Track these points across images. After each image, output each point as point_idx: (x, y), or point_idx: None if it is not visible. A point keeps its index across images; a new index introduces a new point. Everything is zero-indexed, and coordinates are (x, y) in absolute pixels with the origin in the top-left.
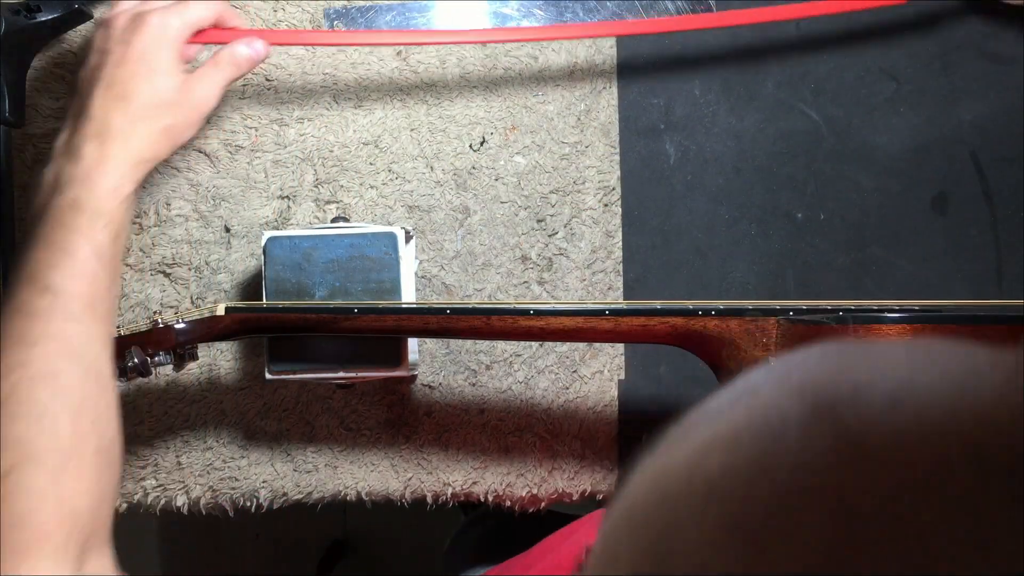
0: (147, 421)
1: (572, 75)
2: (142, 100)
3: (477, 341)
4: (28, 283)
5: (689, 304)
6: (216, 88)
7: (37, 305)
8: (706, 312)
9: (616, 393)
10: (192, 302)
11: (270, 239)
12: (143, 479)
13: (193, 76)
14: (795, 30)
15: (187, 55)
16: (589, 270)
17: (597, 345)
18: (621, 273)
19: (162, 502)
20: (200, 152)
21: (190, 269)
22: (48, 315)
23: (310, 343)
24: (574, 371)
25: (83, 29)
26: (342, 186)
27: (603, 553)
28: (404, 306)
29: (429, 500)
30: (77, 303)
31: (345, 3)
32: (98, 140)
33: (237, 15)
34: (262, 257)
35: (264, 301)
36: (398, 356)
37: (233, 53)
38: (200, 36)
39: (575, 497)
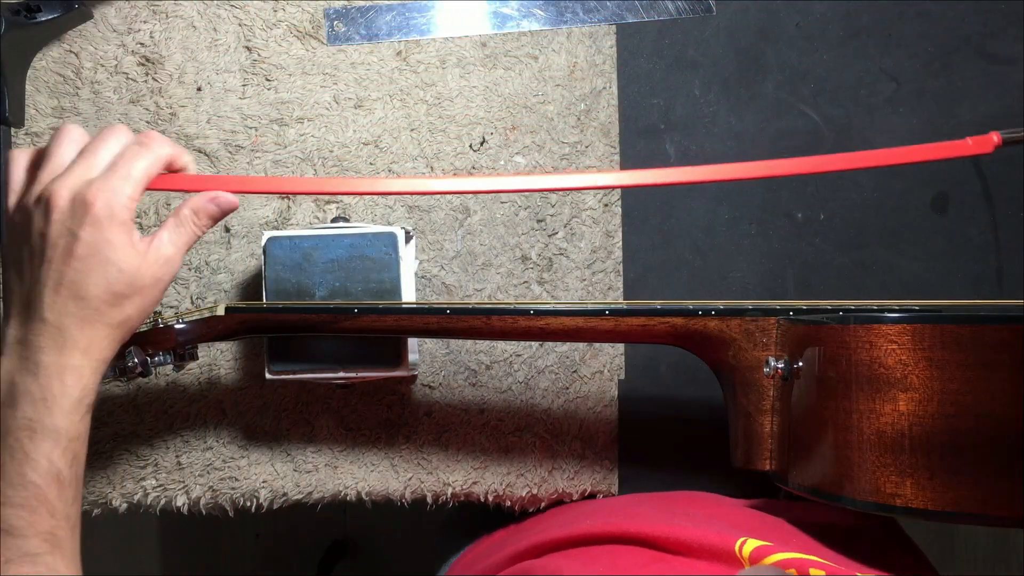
0: (147, 421)
1: (572, 75)
2: (99, 297)
3: (477, 341)
4: None
5: (689, 304)
6: (179, 254)
7: None
8: (706, 312)
9: (616, 393)
10: (192, 302)
11: (270, 239)
12: (143, 479)
13: (152, 246)
14: (795, 30)
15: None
16: (589, 270)
17: (597, 345)
18: (621, 273)
19: (162, 502)
20: (200, 152)
21: (190, 269)
22: (4, 558)
23: (310, 343)
24: (574, 371)
25: (83, 29)
26: None
27: None
28: (404, 306)
29: (429, 500)
30: (35, 540)
31: (345, 3)
32: (55, 349)
33: (185, 152)
34: (262, 257)
35: (264, 301)
36: (398, 356)
37: (196, 211)
38: (151, 184)
39: (575, 497)
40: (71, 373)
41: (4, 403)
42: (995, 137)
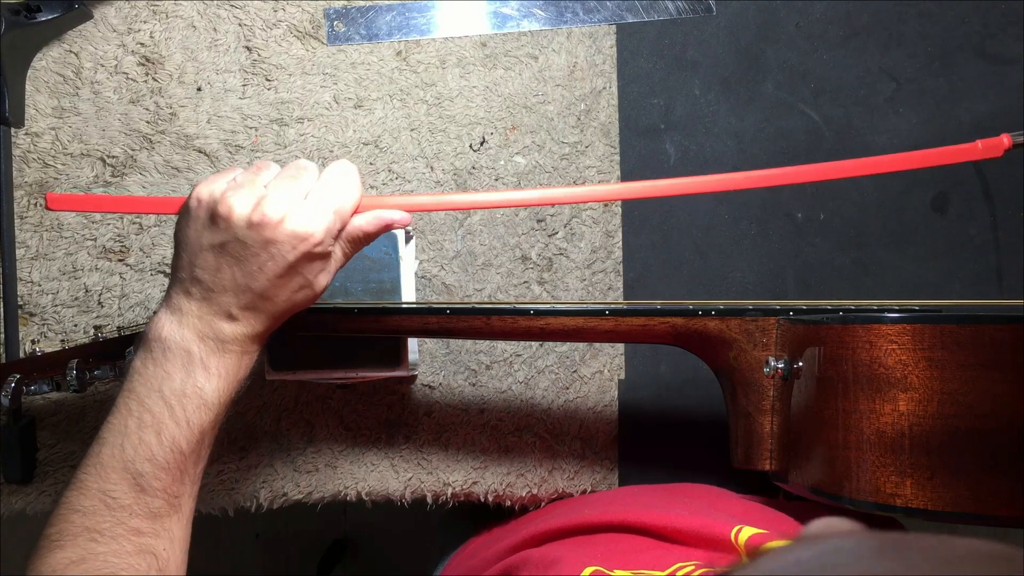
0: None
1: (572, 75)
2: (290, 311)
3: (477, 341)
4: (117, 465)
5: (689, 304)
6: (345, 264)
7: (120, 496)
8: (706, 312)
9: (616, 393)
10: None
11: None
12: None
13: (332, 261)
14: (795, 30)
15: None
16: (589, 270)
17: (597, 345)
18: (621, 273)
19: None
20: (200, 152)
21: None
22: (129, 510)
23: (310, 343)
24: (574, 371)
25: (83, 29)
26: None
27: None
28: (404, 306)
29: (429, 500)
30: (160, 501)
31: (345, 3)
32: (245, 342)
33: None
34: None
35: None
36: (398, 356)
37: (368, 231)
38: None
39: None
40: (248, 357)
41: (179, 366)
42: (1006, 140)
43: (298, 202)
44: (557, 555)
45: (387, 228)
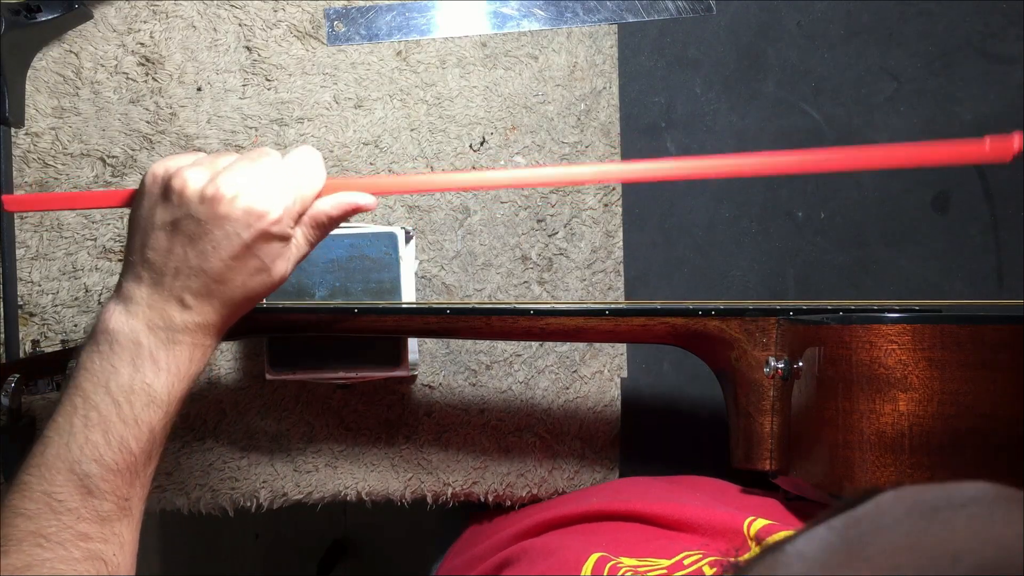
0: None
1: (572, 75)
2: (246, 299)
3: (477, 341)
4: (63, 466)
5: (689, 304)
6: (310, 252)
7: (67, 499)
8: (706, 312)
9: (618, 392)
10: None
11: None
12: None
13: (291, 249)
14: (796, 29)
15: None
16: (589, 270)
17: (597, 345)
18: (621, 273)
19: (162, 502)
20: (200, 152)
21: None
22: (76, 514)
23: (310, 343)
24: (574, 371)
25: (83, 29)
26: None
27: None
28: (404, 306)
29: (429, 500)
30: (110, 504)
31: (345, 3)
32: (197, 333)
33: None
34: None
35: (264, 301)
36: (398, 356)
37: (332, 216)
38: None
39: None
40: (200, 351)
41: (127, 360)
42: (1016, 142)
43: (256, 180)
44: (559, 543)
45: (352, 211)
